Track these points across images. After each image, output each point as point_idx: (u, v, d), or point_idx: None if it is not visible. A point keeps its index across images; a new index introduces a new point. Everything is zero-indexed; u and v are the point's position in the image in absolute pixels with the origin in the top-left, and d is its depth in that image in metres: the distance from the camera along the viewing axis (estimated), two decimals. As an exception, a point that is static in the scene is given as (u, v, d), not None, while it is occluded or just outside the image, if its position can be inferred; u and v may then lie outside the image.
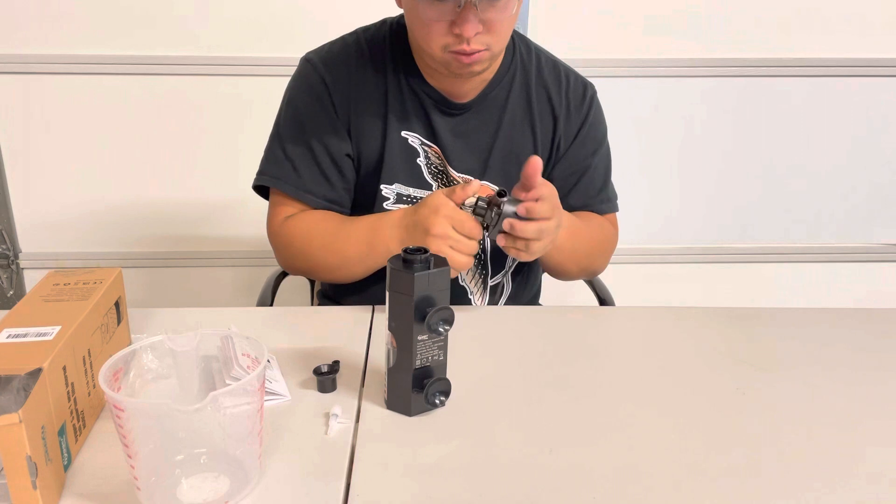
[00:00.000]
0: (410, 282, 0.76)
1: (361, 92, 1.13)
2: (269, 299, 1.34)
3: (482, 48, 1.02)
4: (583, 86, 1.22)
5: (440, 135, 1.15)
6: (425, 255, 0.77)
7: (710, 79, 1.97)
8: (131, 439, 0.63)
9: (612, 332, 1.01)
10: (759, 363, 0.91)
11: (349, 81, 1.13)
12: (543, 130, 1.19)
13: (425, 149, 1.16)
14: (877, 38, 1.95)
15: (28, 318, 0.76)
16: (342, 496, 0.69)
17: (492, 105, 1.16)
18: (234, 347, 0.75)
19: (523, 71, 1.18)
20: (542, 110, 1.19)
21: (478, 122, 1.17)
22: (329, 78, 1.13)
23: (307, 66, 1.15)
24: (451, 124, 1.16)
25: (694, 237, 2.13)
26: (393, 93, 1.14)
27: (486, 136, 1.17)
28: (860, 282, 2.19)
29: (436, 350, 0.80)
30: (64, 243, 2.03)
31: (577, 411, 0.84)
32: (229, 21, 1.84)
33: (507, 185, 1.18)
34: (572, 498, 0.69)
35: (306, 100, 1.14)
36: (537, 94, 1.18)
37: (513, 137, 1.18)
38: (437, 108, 1.15)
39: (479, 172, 1.18)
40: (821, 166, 2.07)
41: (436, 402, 0.81)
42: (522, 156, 1.18)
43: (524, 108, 1.18)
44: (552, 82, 1.19)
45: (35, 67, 1.85)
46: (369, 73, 1.14)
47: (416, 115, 1.15)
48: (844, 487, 0.72)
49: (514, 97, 1.17)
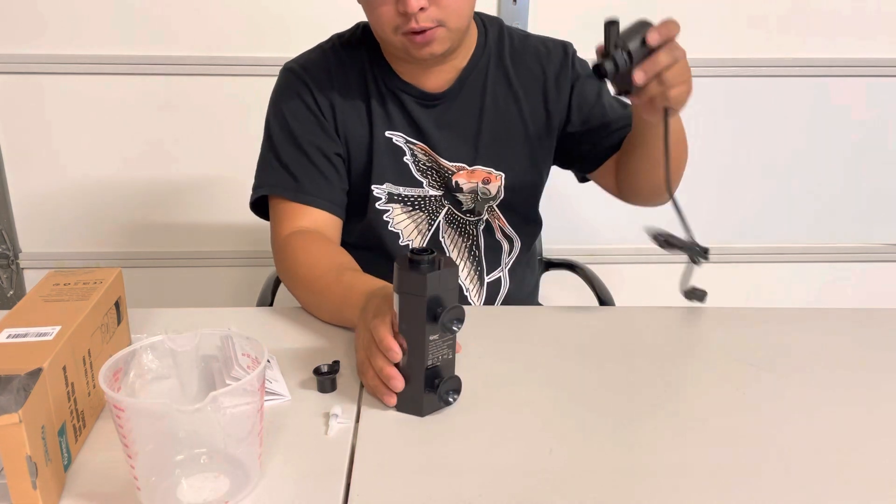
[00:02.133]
0: (422, 282, 0.76)
1: (344, 96, 1.14)
2: (269, 299, 1.35)
3: (433, 24, 1.01)
4: (561, 47, 1.21)
5: (424, 129, 1.15)
6: (432, 256, 0.77)
7: (709, 79, 1.96)
8: (131, 439, 0.63)
9: (612, 332, 1.01)
10: (758, 363, 0.90)
11: (332, 87, 1.14)
12: (532, 105, 1.18)
13: (411, 146, 1.16)
14: (877, 38, 1.95)
15: (28, 318, 0.76)
16: (342, 496, 0.69)
17: (470, 91, 1.16)
18: (234, 347, 0.75)
19: (497, 52, 1.18)
20: (525, 86, 1.18)
21: (459, 110, 1.16)
22: (313, 83, 1.13)
23: (290, 75, 1.16)
24: (433, 116, 1.16)
25: (694, 237, 2.12)
26: (374, 95, 1.14)
27: (470, 122, 1.17)
28: (860, 282, 2.19)
29: (445, 349, 0.80)
30: (64, 243, 2.03)
31: (577, 411, 0.84)
32: (231, 21, 1.84)
33: (499, 165, 1.19)
34: (572, 498, 0.69)
35: (291, 105, 1.14)
36: (516, 72, 1.18)
37: (498, 119, 1.17)
38: (416, 103, 1.15)
39: (470, 159, 1.18)
40: (821, 166, 2.07)
41: (449, 401, 0.82)
42: (512, 136, 1.18)
43: (505, 89, 1.17)
44: (530, 56, 1.19)
45: (35, 67, 1.85)
46: (349, 77, 1.14)
47: (397, 113, 1.15)
48: (844, 487, 0.72)
49: (492, 80, 1.17)
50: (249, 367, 0.72)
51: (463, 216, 1.21)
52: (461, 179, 1.18)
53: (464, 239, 1.21)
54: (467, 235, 1.22)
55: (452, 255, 1.21)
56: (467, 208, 1.20)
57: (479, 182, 1.18)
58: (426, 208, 1.19)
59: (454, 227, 1.21)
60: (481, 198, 1.20)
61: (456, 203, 1.20)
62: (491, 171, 1.18)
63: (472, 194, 1.19)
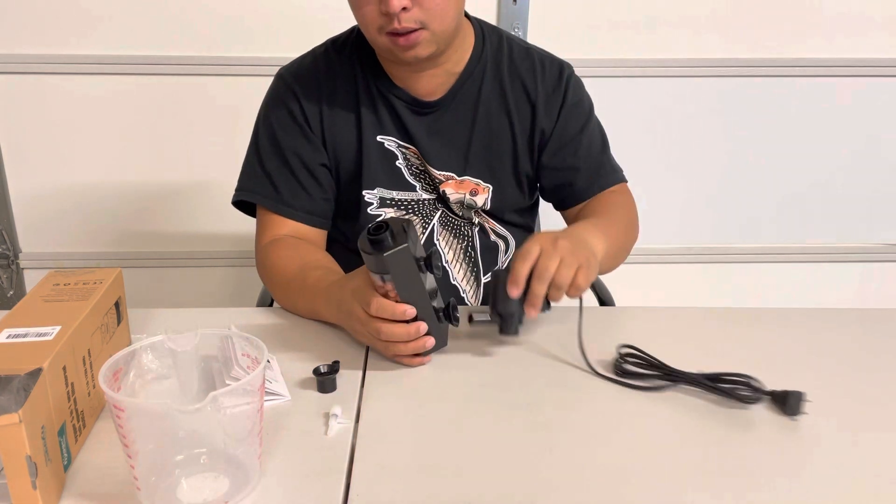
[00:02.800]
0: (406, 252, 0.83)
1: (333, 102, 1.14)
2: (269, 299, 1.34)
3: (416, 26, 1.01)
4: (558, 67, 1.19)
5: (415, 136, 1.15)
6: (387, 228, 0.83)
7: (709, 79, 1.96)
8: (131, 439, 0.63)
9: (612, 332, 1.01)
10: (758, 363, 0.90)
11: (320, 93, 1.14)
12: (521, 120, 1.17)
13: (403, 150, 1.16)
14: (877, 38, 1.95)
15: (28, 318, 0.76)
16: (342, 496, 0.69)
17: (464, 100, 1.15)
18: (234, 347, 0.75)
19: (494, 62, 1.16)
20: (517, 99, 1.17)
21: (452, 118, 1.16)
22: (300, 91, 1.14)
23: (279, 83, 1.17)
24: (425, 124, 1.15)
25: (694, 237, 2.12)
26: (364, 99, 1.14)
27: (462, 132, 1.16)
28: (860, 282, 2.19)
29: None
30: (64, 243, 2.02)
31: (578, 411, 0.84)
32: (230, 21, 1.84)
33: (488, 177, 1.18)
34: (572, 498, 0.69)
35: (279, 114, 1.15)
36: (511, 84, 1.16)
37: (490, 131, 1.16)
38: (408, 110, 1.14)
39: (460, 169, 1.17)
40: (821, 166, 2.07)
41: (457, 316, 0.92)
42: (502, 148, 1.17)
43: (499, 100, 1.16)
44: (526, 70, 1.17)
45: (35, 67, 1.85)
46: (339, 82, 1.14)
47: (389, 118, 1.15)
48: (844, 487, 0.72)
49: (487, 90, 1.16)
50: (249, 367, 0.72)
51: (457, 218, 1.21)
52: (449, 189, 1.17)
53: (459, 240, 1.21)
54: (462, 237, 1.21)
55: (448, 256, 1.21)
56: (458, 212, 1.20)
57: (466, 193, 1.18)
58: (420, 211, 1.19)
59: (449, 230, 1.20)
60: (467, 207, 1.19)
61: (448, 207, 1.20)
62: (479, 183, 1.17)
63: (458, 204, 1.18)
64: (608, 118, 1.26)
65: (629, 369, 0.90)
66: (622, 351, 0.92)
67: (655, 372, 0.89)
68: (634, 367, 0.90)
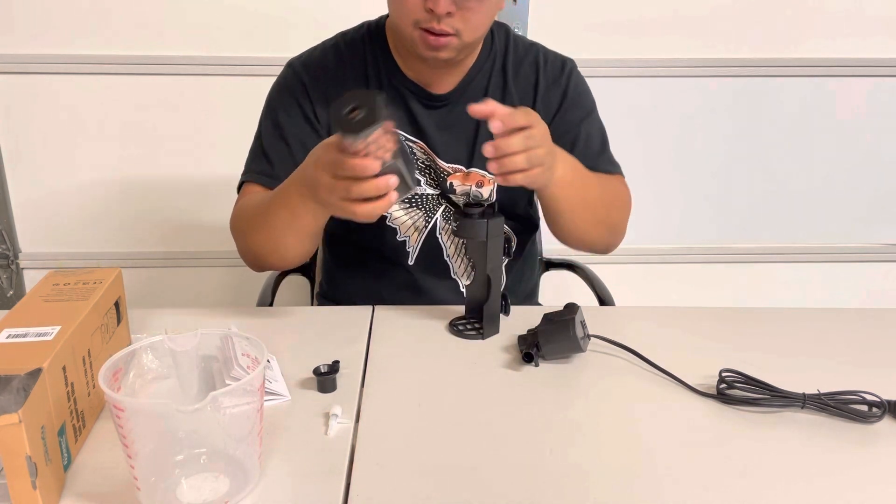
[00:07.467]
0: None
1: (341, 93, 1.14)
2: (269, 299, 1.34)
3: (451, 32, 1.03)
4: (560, 62, 1.21)
5: (425, 128, 1.16)
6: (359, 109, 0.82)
7: (709, 79, 1.96)
8: (131, 439, 0.63)
9: (612, 332, 1.01)
10: (758, 363, 0.90)
11: (328, 83, 1.15)
12: None
13: (410, 145, 1.17)
14: (877, 38, 1.95)
15: (28, 318, 0.76)
16: (342, 496, 0.69)
17: (473, 95, 1.16)
18: (234, 347, 0.75)
19: (501, 58, 1.19)
20: (521, 93, 1.19)
21: (461, 112, 1.16)
22: (308, 79, 1.15)
23: (288, 71, 1.18)
24: (434, 117, 1.17)
25: (694, 237, 2.12)
26: None
27: (470, 126, 1.17)
28: (860, 282, 2.19)
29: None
30: (64, 243, 2.02)
31: (577, 411, 0.84)
32: (230, 21, 1.84)
33: None
34: (572, 498, 0.69)
35: (284, 100, 1.16)
36: (515, 78, 1.19)
37: None
38: (419, 102, 1.16)
39: (467, 162, 1.18)
40: (821, 166, 2.07)
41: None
42: None
43: (503, 94, 1.18)
44: (529, 64, 1.20)
45: (35, 67, 1.85)
46: (348, 73, 1.16)
47: (399, 112, 1.15)
48: (844, 487, 0.72)
49: (494, 84, 1.18)
50: (249, 367, 0.72)
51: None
52: (455, 181, 1.18)
53: None
54: None
55: (450, 251, 1.21)
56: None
57: (472, 185, 1.19)
58: (423, 206, 1.19)
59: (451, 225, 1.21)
60: (473, 201, 1.20)
61: (451, 202, 1.20)
62: (485, 175, 1.18)
63: (464, 196, 1.19)
64: (608, 118, 1.26)
65: (729, 393, 0.85)
66: (724, 375, 0.86)
67: (763, 395, 0.84)
68: (738, 391, 0.85)
